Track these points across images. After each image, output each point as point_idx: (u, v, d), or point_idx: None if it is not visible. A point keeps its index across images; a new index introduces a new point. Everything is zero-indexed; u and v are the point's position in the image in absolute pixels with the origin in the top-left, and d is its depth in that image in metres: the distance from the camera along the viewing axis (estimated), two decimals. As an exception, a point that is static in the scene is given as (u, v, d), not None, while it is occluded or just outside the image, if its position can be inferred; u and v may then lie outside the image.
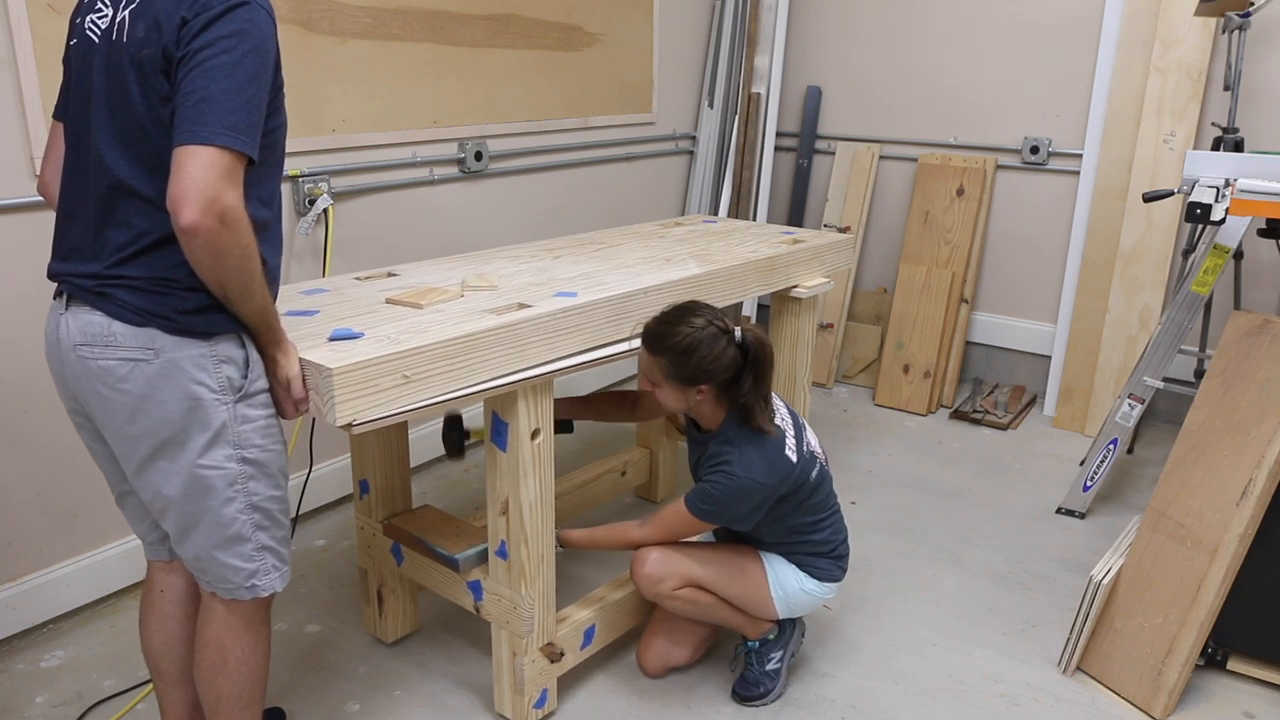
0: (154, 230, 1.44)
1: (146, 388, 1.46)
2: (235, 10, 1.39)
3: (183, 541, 1.59)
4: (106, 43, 1.46)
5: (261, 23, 1.42)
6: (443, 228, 3.24)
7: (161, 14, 1.39)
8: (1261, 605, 2.17)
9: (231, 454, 1.53)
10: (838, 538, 2.16)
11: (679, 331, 1.93)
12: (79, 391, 1.53)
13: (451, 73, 3.13)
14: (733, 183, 4.28)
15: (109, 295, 1.46)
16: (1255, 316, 2.26)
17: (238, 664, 1.67)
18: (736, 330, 1.96)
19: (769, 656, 2.18)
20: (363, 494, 2.28)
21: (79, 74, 1.51)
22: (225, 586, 1.62)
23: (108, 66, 1.45)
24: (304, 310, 1.90)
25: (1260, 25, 3.31)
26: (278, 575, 1.65)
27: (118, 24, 1.44)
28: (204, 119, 1.34)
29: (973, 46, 3.93)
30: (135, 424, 1.49)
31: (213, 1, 1.38)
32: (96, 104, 1.46)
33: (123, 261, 1.45)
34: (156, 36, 1.39)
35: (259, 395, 1.55)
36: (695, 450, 2.13)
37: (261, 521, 1.60)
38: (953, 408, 3.95)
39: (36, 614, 2.39)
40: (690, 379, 1.95)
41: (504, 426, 1.89)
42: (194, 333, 1.47)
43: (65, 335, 1.49)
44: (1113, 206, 3.64)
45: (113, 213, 1.46)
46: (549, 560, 2.01)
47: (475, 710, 2.15)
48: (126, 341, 1.45)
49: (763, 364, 1.97)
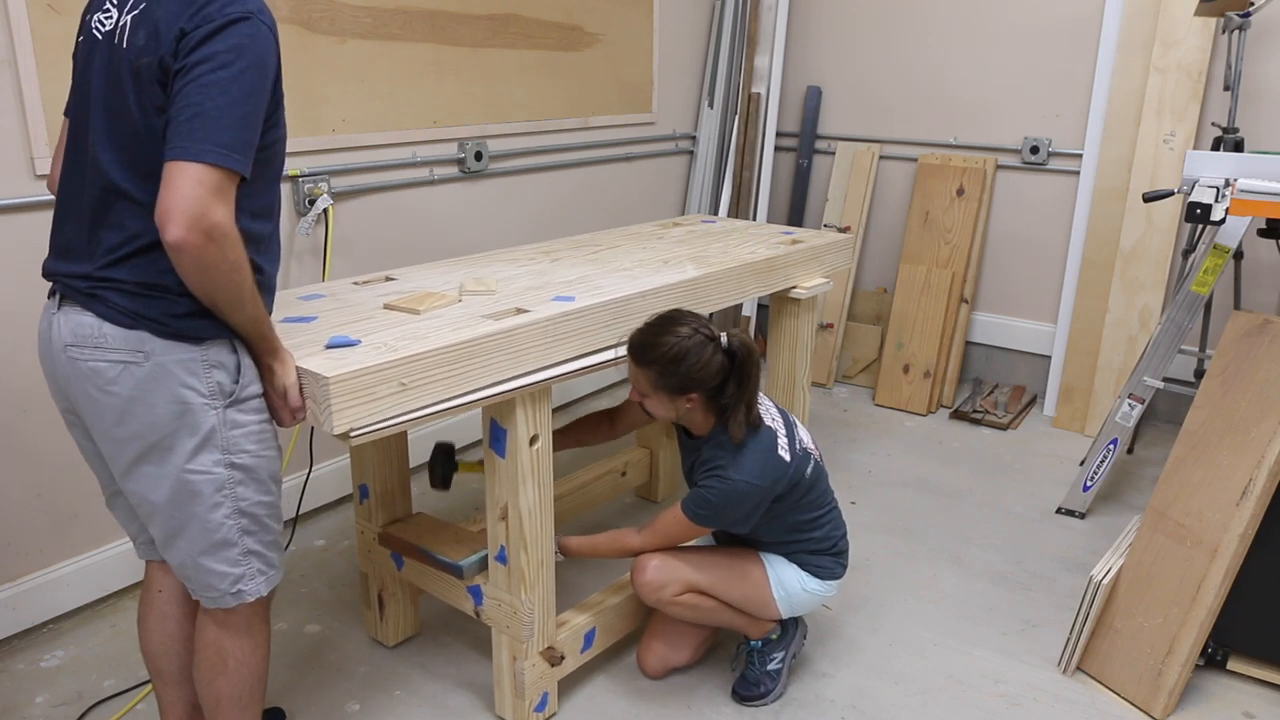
0: (146, 234, 1.44)
1: (135, 390, 1.46)
2: (236, 24, 1.38)
3: (169, 547, 1.58)
4: (108, 45, 1.46)
5: (262, 37, 1.41)
6: (443, 228, 3.23)
7: (161, 23, 1.39)
8: (1261, 605, 2.17)
9: (220, 459, 1.52)
10: (837, 534, 2.16)
11: (665, 342, 1.93)
12: (69, 391, 1.52)
13: (451, 73, 3.13)
14: (733, 183, 4.28)
15: (100, 297, 1.45)
16: (1255, 316, 2.26)
17: (237, 665, 1.67)
18: (722, 336, 1.96)
19: (771, 656, 2.18)
20: (362, 499, 2.28)
21: (82, 73, 1.51)
22: (210, 595, 1.61)
23: (107, 70, 1.45)
24: (301, 316, 1.89)
25: (1260, 25, 3.31)
26: (263, 580, 1.64)
27: (120, 28, 1.44)
28: (195, 135, 1.34)
29: (973, 46, 3.93)
30: (123, 426, 1.48)
31: (213, 14, 1.37)
32: (95, 105, 1.46)
33: (114, 263, 1.45)
34: (154, 45, 1.39)
35: (251, 401, 1.54)
36: (688, 457, 2.13)
37: (249, 527, 1.59)
38: (953, 408, 3.95)
39: (36, 614, 2.39)
40: (679, 388, 1.95)
41: (502, 433, 1.89)
42: (185, 337, 1.46)
43: (56, 335, 1.49)
44: (1113, 206, 3.64)
45: (106, 214, 1.46)
46: (548, 565, 2.01)
47: (476, 710, 2.15)
48: (116, 343, 1.45)
49: (748, 369, 1.97)
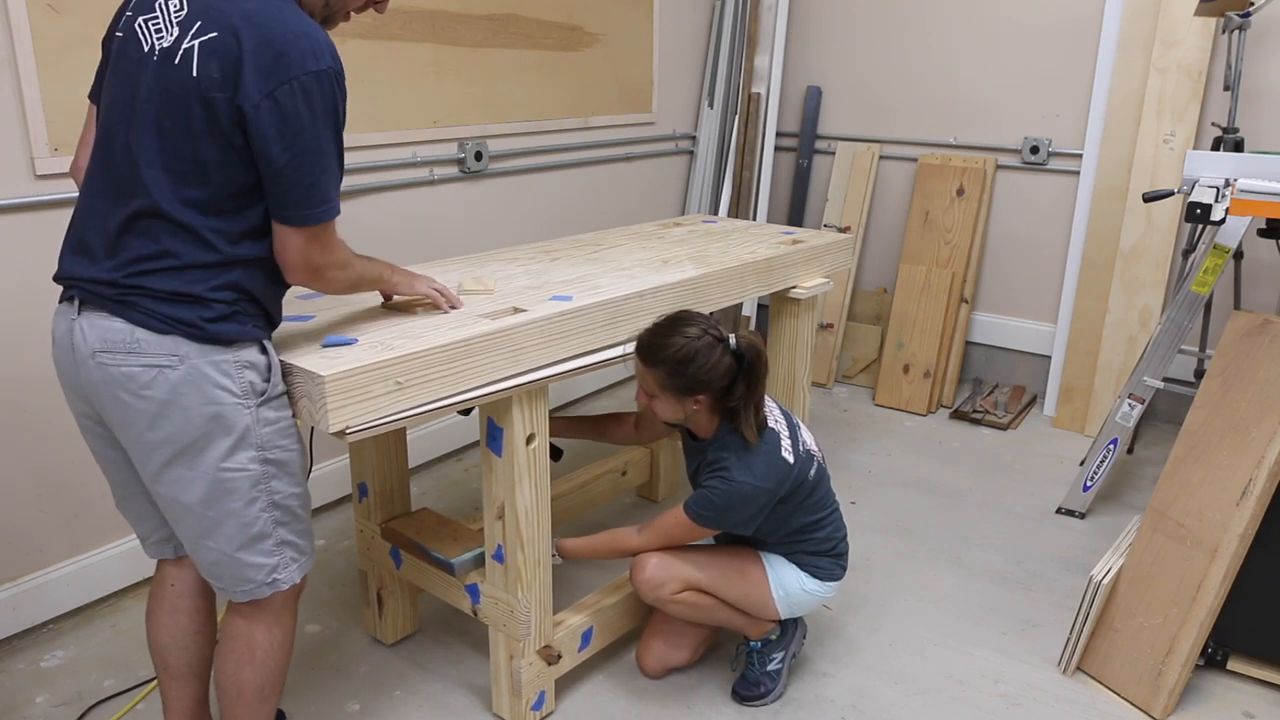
0: (183, 255, 1.46)
1: (170, 394, 1.47)
2: (318, 78, 1.43)
3: (199, 547, 1.59)
4: (165, 65, 1.44)
5: (339, 89, 1.48)
6: (443, 227, 3.24)
7: (244, 69, 1.40)
8: (1261, 605, 2.17)
9: (255, 455, 1.54)
10: (838, 535, 2.16)
11: (674, 343, 1.93)
12: (95, 397, 1.52)
13: (451, 73, 3.13)
14: (733, 183, 4.28)
15: (131, 303, 1.46)
16: (1255, 316, 2.26)
17: (265, 656, 1.69)
18: (731, 338, 1.96)
19: (770, 657, 2.18)
20: (361, 497, 2.28)
21: (121, 76, 1.49)
22: (244, 588, 1.62)
23: (162, 91, 1.44)
24: (299, 315, 1.89)
25: (1260, 25, 3.30)
26: (296, 567, 1.67)
27: (183, 51, 1.43)
28: (291, 201, 1.47)
29: (973, 46, 3.93)
30: (156, 430, 1.49)
31: (295, 69, 1.41)
32: (142, 122, 1.45)
33: (144, 274, 1.46)
34: (231, 86, 1.40)
35: (280, 397, 1.58)
36: (693, 460, 2.13)
37: (283, 518, 1.61)
38: (953, 408, 3.95)
39: (36, 614, 2.39)
40: (687, 389, 1.95)
41: (499, 432, 1.89)
42: (218, 340, 1.48)
43: (81, 342, 1.49)
44: (1113, 206, 3.63)
45: (140, 225, 1.46)
46: (545, 564, 2.01)
47: (475, 710, 2.15)
48: (151, 348, 1.46)
49: (757, 370, 1.96)
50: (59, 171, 2.23)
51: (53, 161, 2.22)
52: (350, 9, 1.64)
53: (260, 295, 1.55)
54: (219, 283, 1.48)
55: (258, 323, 1.55)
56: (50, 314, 1.99)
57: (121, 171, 1.47)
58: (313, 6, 1.57)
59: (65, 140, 2.23)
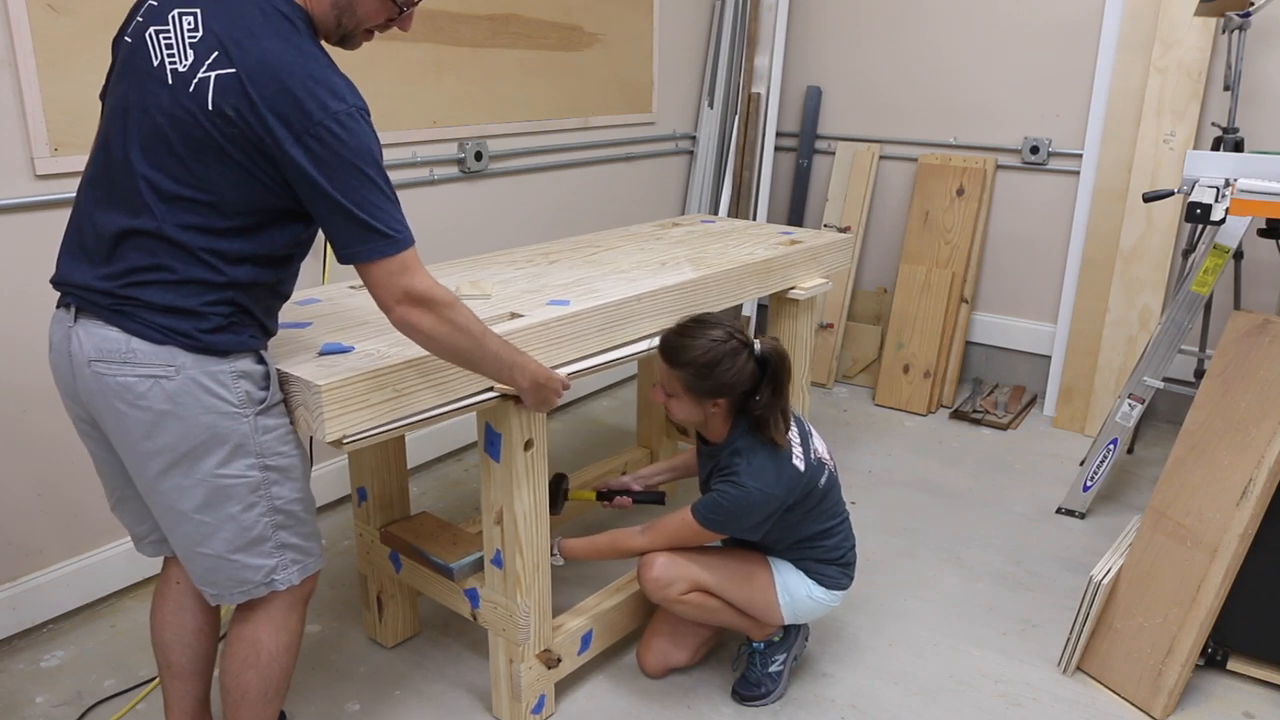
0: (180, 272, 1.45)
1: (167, 404, 1.46)
2: (350, 119, 1.43)
3: (194, 556, 1.58)
4: (180, 91, 1.42)
5: (369, 125, 1.47)
6: (443, 228, 3.23)
7: (265, 112, 1.38)
8: (1261, 605, 2.17)
9: (254, 463, 1.54)
10: (847, 544, 2.16)
11: (699, 345, 1.92)
12: (91, 405, 1.52)
13: (451, 73, 3.13)
14: (733, 183, 4.28)
15: (127, 313, 1.46)
16: (1255, 316, 2.26)
17: (270, 659, 1.68)
18: (756, 343, 1.95)
19: (773, 658, 2.18)
20: (360, 501, 2.28)
21: (127, 85, 1.47)
22: (242, 589, 1.62)
23: (176, 118, 1.42)
24: (297, 322, 1.89)
25: (1260, 25, 3.30)
26: (297, 569, 1.66)
27: (198, 81, 1.40)
28: (357, 238, 1.45)
29: (973, 46, 3.93)
30: (152, 440, 1.49)
31: (321, 115, 1.40)
32: (150, 140, 1.44)
33: (139, 285, 1.45)
34: (258, 126, 1.39)
35: (278, 405, 1.58)
36: (705, 465, 2.12)
37: (284, 522, 1.61)
38: (953, 408, 3.95)
39: (36, 614, 2.39)
40: (710, 392, 1.95)
41: (497, 437, 1.89)
42: (213, 350, 1.48)
43: (78, 350, 1.49)
44: (1113, 206, 3.63)
45: (138, 241, 1.45)
46: (544, 568, 2.01)
47: (476, 710, 2.15)
48: (147, 359, 1.45)
49: (781, 377, 1.96)
50: (59, 171, 2.23)
51: (53, 162, 2.22)
52: (369, 27, 1.62)
53: (256, 309, 1.54)
54: (215, 298, 1.47)
55: (254, 332, 1.54)
56: (51, 314, 1.98)
57: (120, 181, 1.46)
58: (326, 27, 1.55)
59: (65, 140, 2.23)
